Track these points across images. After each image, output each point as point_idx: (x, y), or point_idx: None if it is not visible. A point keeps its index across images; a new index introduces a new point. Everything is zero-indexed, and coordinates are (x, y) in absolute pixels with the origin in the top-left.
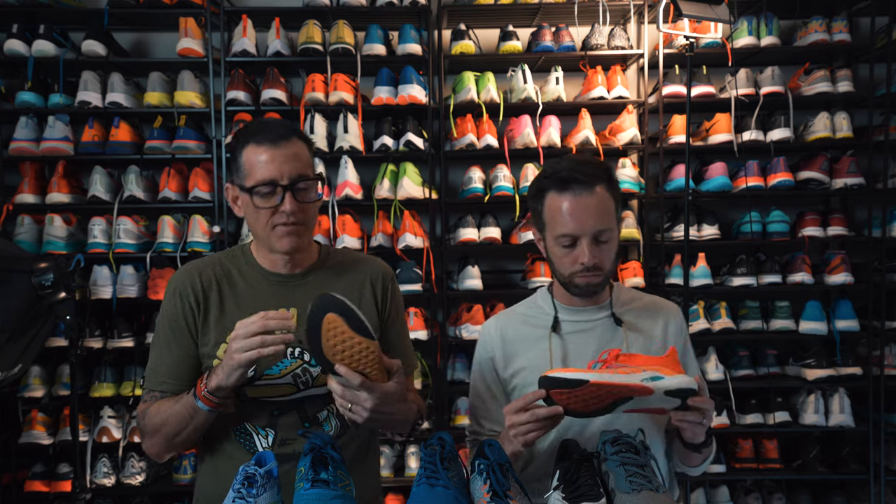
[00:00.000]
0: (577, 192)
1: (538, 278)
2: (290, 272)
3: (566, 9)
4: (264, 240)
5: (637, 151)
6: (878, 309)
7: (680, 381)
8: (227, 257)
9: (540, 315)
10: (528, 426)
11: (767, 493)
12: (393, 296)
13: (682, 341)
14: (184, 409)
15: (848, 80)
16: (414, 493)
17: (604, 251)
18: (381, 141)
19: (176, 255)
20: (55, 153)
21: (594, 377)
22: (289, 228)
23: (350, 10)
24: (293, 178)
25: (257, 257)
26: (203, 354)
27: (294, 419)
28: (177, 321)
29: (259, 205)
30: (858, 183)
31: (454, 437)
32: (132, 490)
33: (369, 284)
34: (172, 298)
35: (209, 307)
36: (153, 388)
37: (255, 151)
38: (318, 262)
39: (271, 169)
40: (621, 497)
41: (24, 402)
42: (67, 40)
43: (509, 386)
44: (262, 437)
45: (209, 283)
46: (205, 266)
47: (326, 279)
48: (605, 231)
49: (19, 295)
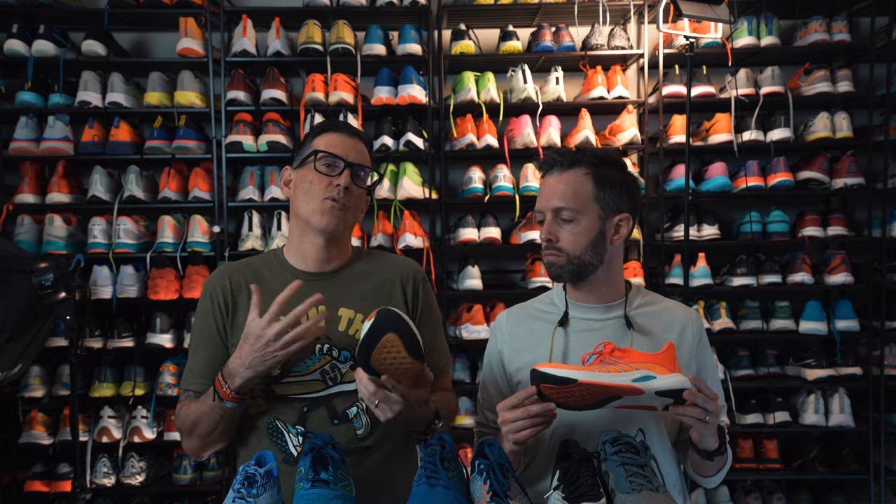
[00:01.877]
0: (550, 172)
1: (538, 278)
2: (321, 270)
3: (566, 9)
4: (307, 217)
5: (637, 151)
6: (878, 309)
7: (671, 381)
8: (260, 260)
9: (552, 311)
10: (521, 423)
11: (767, 493)
12: (424, 295)
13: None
14: (211, 409)
15: (848, 80)
16: (414, 493)
17: (564, 230)
18: (381, 141)
19: (176, 255)
20: (55, 153)
21: (583, 376)
22: (335, 205)
23: (350, 10)
24: (356, 161)
25: (289, 257)
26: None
27: (323, 416)
28: (207, 322)
29: (320, 170)
30: (858, 183)
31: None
32: (132, 490)
33: (399, 284)
34: (204, 300)
35: (238, 307)
36: (187, 388)
37: (329, 136)
38: (349, 260)
39: (339, 148)
40: (621, 497)
41: (24, 402)
42: (67, 40)
43: (514, 380)
44: (292, 434)
45: (239, 284)
46: (236, 268)
47: (357, 277)
48: (565, 209)
49: (19, 295)
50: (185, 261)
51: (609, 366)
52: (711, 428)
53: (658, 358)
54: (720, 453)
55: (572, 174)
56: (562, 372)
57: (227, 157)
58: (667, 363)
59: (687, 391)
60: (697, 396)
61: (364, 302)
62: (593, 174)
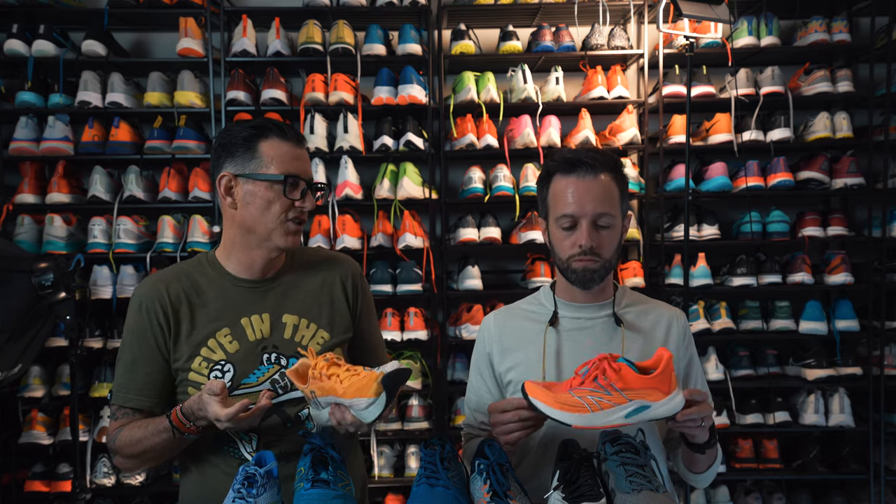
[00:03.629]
0: (580, 175)
1: (538, 278)
2: (262, 276)
3: (566, 9)
4: (266, 234)
5: (637, 151)
6: (878, 309)
7: (666, 410)
8: (192, 267)
9: (540, 311)
10: (511, 426)
11: (767, 493)
12: (363, 293)
13: (686, 347)
14: (165, 440)
15: (848, 80)
16: (414, 493)
17: (603, 236)
18: (381, 141)
19: (176, 255)
20: (55, 153)
21: (577, 420)
22: (297, 227)
23: (350, 10)
24: (311, 179)
25: (226, 264)
26: (176, 369)
27: (276, 421)
28: (145, 338)
29: (290, 196)
30: (858, 183)
31: (454, 437)
32: (132, 490)
33: (339, 283)
34: (139, 314)
35: (180, 322)
36: (123, 405)
37: (280, 146)
38: (286, 264)
39: (298, 166)
40: (621, 497)
41: (24, 402)
42: (67, 40)
43: (505, 380)
44: (246, 442)
45: (177, 297)
46: (170, 279)
47: (298, 280)
48: (604, 215)
49: (19, 295)
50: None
51: (603, 394)
52: (705, 427)
53: (655, 381)
54: (711, 446)
55: (604, 178)
56: (555, 413)
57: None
58: (663, 384)
59: (680, 413)
60: (691, 413)
61: (307, 306)
62: (616, 178)
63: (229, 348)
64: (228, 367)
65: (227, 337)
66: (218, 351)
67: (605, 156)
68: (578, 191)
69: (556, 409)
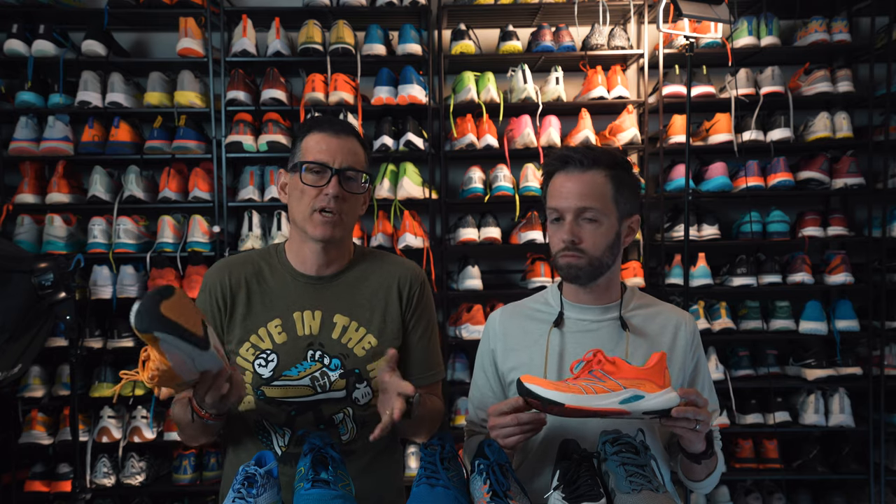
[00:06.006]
0: (569, 171)
1: (538, 278)
2: (320, 273)
3: (566, 9)
4: (301, 226)
5: (637, 151)
6: (878, 309)
7: (660, 402)
8: (261, 255)
9: (546, 310)
10: (510, 429)
11: (767, 493)
12: (419, 300)
13: (693, 354)
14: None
15: (848, 80)
16: (414, 493)
17: (586, 231)
18: (381, 141)
19: (176, 255)
20: (55, 153)
21: (570, 400)
22: (326, 217)
23: (350, 10)
24: (343, 166)
25: (290, 257)
26: (227, 352)
27: (310, 419)
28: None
29: (306, 181)
30: (858, 183)
31: (454, 436)
32: (132, 490)
33: (396, 287)
34: (202, 294)
35: (236, 305)
36: None
37: (316, 138)
38: (349, 264)
39: (326, 153)
40: (621, 497)
41: (24, 402)
42: (67, 40)
43: (507, 379)
44: (279, 435)
45: (238, 281)
46: (237, 263)
47: (354, 283)
48: (589, 209)
49: (19, 295)
50: (185, 261)
51: (597, 382)
52: (700, 434)
53: (648, 373)
54: (707, 456)
55: (594, 175)
56: (548, 393)
57: (227, 157)
58: (656, 377)
59: (675, 409)
60: (687, 412)
61: (360, 309)
62: (611, 176)
63: (277, 339)
64: (273, 357)
65: (278, 328)
66: (266, 340)
67: (604, 153)
68: (566, 185)
69: (551, 390)
